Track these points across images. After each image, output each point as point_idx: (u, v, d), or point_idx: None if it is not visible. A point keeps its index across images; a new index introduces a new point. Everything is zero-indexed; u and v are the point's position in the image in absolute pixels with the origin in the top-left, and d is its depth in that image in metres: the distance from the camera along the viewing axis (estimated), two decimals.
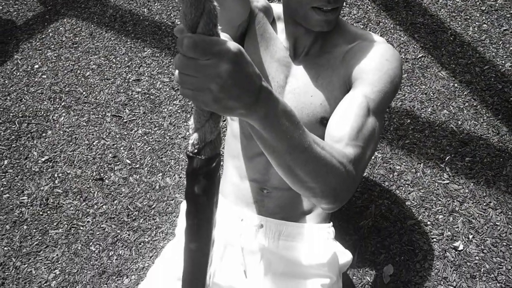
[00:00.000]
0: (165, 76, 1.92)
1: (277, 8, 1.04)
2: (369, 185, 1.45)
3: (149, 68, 1.97)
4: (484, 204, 1.35)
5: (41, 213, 1.52)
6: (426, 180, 1.43)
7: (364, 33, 1.00)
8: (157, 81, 1.91)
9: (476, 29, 1.88)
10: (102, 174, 1.61)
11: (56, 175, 1.63)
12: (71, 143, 1.72)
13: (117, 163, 1.63)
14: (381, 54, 0.91)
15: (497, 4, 1.95)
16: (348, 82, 0.93)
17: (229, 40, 0.47)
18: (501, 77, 1.69)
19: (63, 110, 1.85)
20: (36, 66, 2.07)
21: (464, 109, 1.61)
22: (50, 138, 1.75)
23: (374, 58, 0.91)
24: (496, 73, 1.70)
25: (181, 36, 0.46)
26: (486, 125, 1.55)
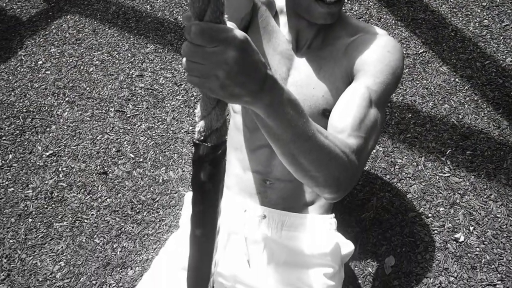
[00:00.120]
0: (168, 71, 1.94)
1: (279, 1, 1.05)
2: (370, 178, 1.46)
3: (152, 64, 1.98)
4: (485, 196, 1.37)
5: (45, 206, 1.54)
6: (427, 173, 1.44)
7: (366, 26, 1.01)
8: (160, 76, 1.92)
9: (477, 25, 1.89)
10: (106, 168, 1.62)
11: (60, 169, 1.64)
12: (75, 138, 1.74)
13: (121, 157, 1.65)
14: (383, 46, 0.92)
15: (498, 0, 1.96)
16: (350, 74, 0.94)
17: (236, 28, 0.48)
18: (502, 72, 1.70)
19: (67, 105, 1.87)
20: (40, 62, 2.08)
21: (465, 103, 1.62)
22: (54, 133, 1.77)
23: (376, 50, 0.92)
24: (497, 68, 1.71)
25: (189, 23, 0.46)
26: (487, 119, 1.56)
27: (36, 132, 1.78)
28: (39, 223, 1.50)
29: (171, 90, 1.86)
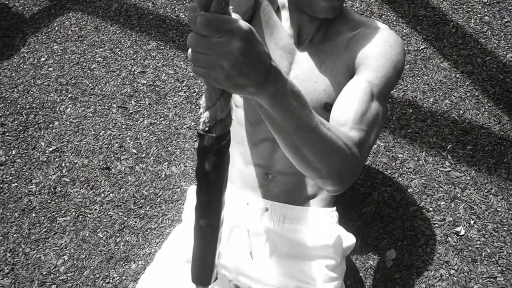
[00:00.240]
0: (170, 68, 1.95)
1: None
2: (372, 173, 1.47)
3: (154, 61, 1.99)
4: (486, 190, 1.37)
5: (49, 201, 1.55)
6: (428, 168, 1.45)
7: (368, 20, 1.01)
8: (162, 73, 1.93)
9: (478, 21, 1.89)
10: (108, 164, 1.63)
11: (63, 164, 1.65)
12: (77, 134, 1.75)
13: (123, 153, 1.66)
14: (384, 40, 0.93)
15: None
16: (352, 68, 0.95)
17: (240, 19, 0.49)
18: (503, 67, 1.71)
19: (70, 102, 1.88)
20: (43, 59, 2.09)
21: (466, 99, 1.63)
22: (57, 129, 1.78)
23: (378, 44, 0.93)
24: (497, 64, 1.72)
25: (194, 14, 0.47)
26: (488, 114, 1.57)
27: (39, 128, 1.79)
28: (43, 217, 1.51)
29: (173, 87, 1.87)
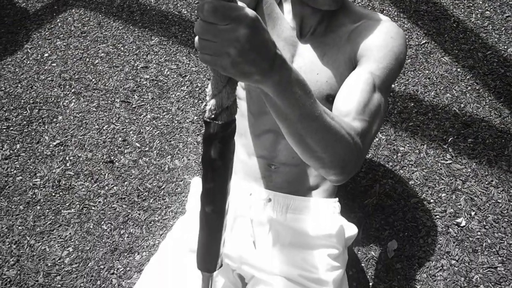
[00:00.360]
0: (173, 63, 1.96)
1: None
2: (373, 165, 1.49)
3: (157, 56, 2.01)
4: (486, 182, 1.39)
5: (53, 194, 1.57)
6: (429, 161, 1.46)
7: (369, 12, 1.02)
8: (165, 68, 1.95)
9: (479, 16, 1.90)
10: (112, 157, 1.65)
11: (67, 158, 1.67)
12: (81, 128, 1.77)
13: (127, 147, 1.67)
14: (386, 32, 0.94)
15: None
16: (354, 59, 0.96)
17: (246, 7, 0.50)
18: (504, 62, 1.72)
19: (73, 97, 1.89)
20: (46, 54, 2.11)
21: (467, 92, 1.64)
22: (61, 123, 1.79)
23: (379, 36, 0.94)
24: (498, 58, 1.73)
25: (202, 1, 0.48)
26: (489, 107, 1.58)
27: (43, 123, 1.80)
28: (47, 210, 1.52)
29: (176, 81, 1.88)
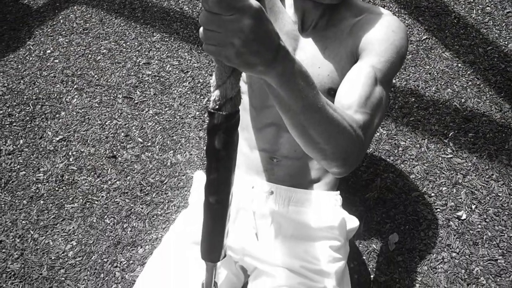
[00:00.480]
0: (175, 59, 1.97)
1: None
2: (374, 160, 1.49)
3: (159, 52, 2.01)
4: (487, 176, 1.39)
5: (56, 188, 1.58)
6: (430, 155, 1.47)
7: (371, 6, 1.03)
8: (167, 64, 1.95)
9: (480, 12, 1.91)
10: (115, 152, 1.66)
11: (70, 153, 1.68)
12: (84, 123, 1.78)
13: (129, 142, 1.68)
14: (387, 25, 0.95)
15: None
16: (355, 53, 0.97)
17: None
18: (504, 57, 1.72)
19: (76, 93, 1.90)
20: (48, 51, 2.12)
21: (468, 87, 1.64)
22: (64, 119, 1.80)
23: (381, 29, 0.94)
24: (499, 53, 1.74)
25: None
26: (489, 102, 1.58)
27: (46, 118, 1.82)
28: (51, 204, 1.53)
29: (177, 77, 1.89)
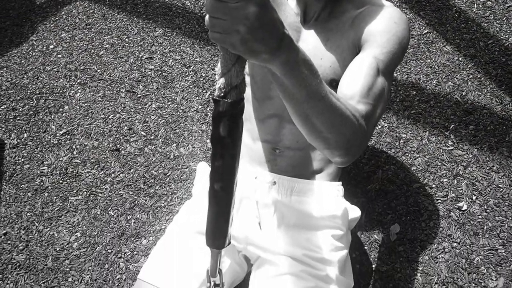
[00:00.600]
0: (177, 54, 1.98)
1: None
2: (376, 152, 1.51)
3: (161, 47, 2.03)
4: (487, 168, 1.41)
5: (61, 181, 1.59)
6: (431, 147, 1.48)
7: None
8: (169, 58, 1.97)
9: (481, 6, 1.92)
10: (118, 145, 1.67)
11: (74, 146, 1.69)
12: (87, 117, 1.79)
13: (133, 135, 1.70)
14: (389, 17, 0.96)
15: None
16: (357, 45, 0.98)
17: None
18: (505, 50, 1.73)
19: (79, 87, 1.92)
20: (51, 46, 2.13)
21: (469, 81, 1.65)
22: (67, 113, 1.82)
23: (383, 21, 0.95)
24: (500, 47, 1.75)
25: None
26: (490, 95, 1.59)
27: (50, 112, 1.83)
28: (55, 197, 1.55)
29: (180, 72, 1.90)
